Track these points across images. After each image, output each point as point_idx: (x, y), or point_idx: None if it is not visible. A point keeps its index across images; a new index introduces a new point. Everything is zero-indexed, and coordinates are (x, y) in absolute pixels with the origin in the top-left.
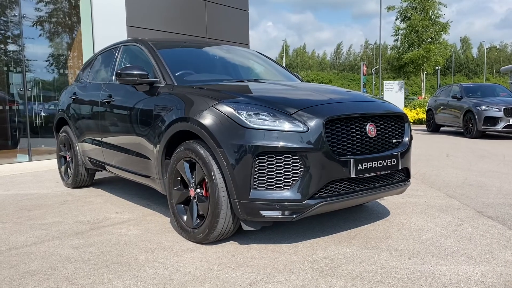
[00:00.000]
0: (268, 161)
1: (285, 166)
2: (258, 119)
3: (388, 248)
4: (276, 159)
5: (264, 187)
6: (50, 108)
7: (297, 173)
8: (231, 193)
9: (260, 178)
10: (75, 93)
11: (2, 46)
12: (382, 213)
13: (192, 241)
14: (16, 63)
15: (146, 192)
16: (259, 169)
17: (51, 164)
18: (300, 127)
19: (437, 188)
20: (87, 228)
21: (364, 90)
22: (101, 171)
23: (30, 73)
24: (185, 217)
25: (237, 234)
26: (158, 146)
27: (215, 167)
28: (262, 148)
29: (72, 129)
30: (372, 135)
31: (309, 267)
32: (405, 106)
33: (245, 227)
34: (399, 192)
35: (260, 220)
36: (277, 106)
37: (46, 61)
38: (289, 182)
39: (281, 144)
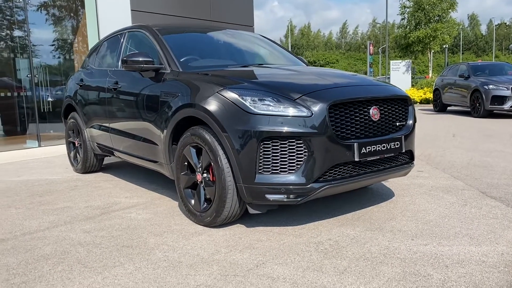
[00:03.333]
0: (273, 146)
1: (290, 150)
2: (262, 104)
3: (391, 230)
4: (281, 144)
5: (269, 171)
6: (57, 93)
7: (301, 157)
8: (237, 177)
9: (265, 163)
10: (82, 80)
11: (8, 31)
12: (386, 195)
13: (200, 225)
14: (22, 49)
15: (154, 177)
16: (264, 154)
17: (60, 149)
18: (304, 112)
19: (442, 169)
20: (97, 213)
21: (371, 70)
22: (110, 156)
23: (36, 58)
24: (192, 201)
25: (244, 217)
26: (165, 131)
27: (221, 152)
28: (267, 133)
29: (80, 115)
30: (375, 118)
31: (314, 249)
32: (412, 85)
33: (251, 211)
34: (403, 174)
35: (266, 203)
36: (281, 92)
37: (52, 45)
38: (293, 166)
39: (285, 129)
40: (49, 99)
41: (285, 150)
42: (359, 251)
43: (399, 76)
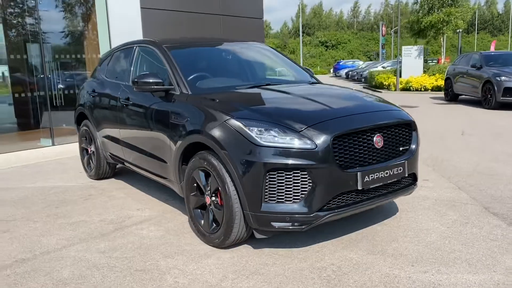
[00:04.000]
0: (278, 176)
1: (294, 181)
2: (268, 135)
3: (393, 253)
4: (286, 174)
5: (274, 200)
6: (68, 80)
7: (305, 187)
8: (244, 205)
9: (270, 192)
10: (94, 90)
11: (19, 20)
12: (390, 211)
13: (209, 245)
14: (33, 37)
15: (165, 186)
16: (270, 184)
17: (73, 149)
18: (308, 145)
19: (447, 178)
20: (111, 229)
21: (383, 51)
22: (122, 165)
23: (47, 44)
24: (202, 221)
25: (251, 237)
26: (174, 152)
27: (228, 179)
28: (272, 165)
29: (92, 125)
30: (379, 146)
31: (317, 276)
32: (424, 71)
33: (258, 236)
34: (407, 194)
35: (272, 230)
36: (287, 123)
37: (62, 32)
38: (298, 195)
39: (290, 161)
40: (60, 85)
41: (290, 181)
42: (360, 279)
43: (411, 61)
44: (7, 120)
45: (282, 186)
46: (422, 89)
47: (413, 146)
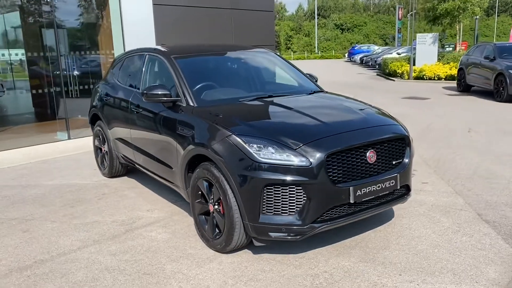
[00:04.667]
0: (275, 190)
1: (290, 195)
2: (266, 152)
3: (383, 261)
4: (282, 189)
5: (271, 212)
6: (82, 66)
7: (300, 201)
8: (243, 215)
9: (268, 205)
10: (107, 94)
11: (36, 7)
12: (386, 217)
13: (212, 249)
14: (48, 25)
15: None
16: (267, 197)
17: (88, 144)
18: (304, 162)
19: (446, 181)
20: (122, 230)
21: (400, 36)
22: (133, 166)
23: (61, 30)
24: (206, 227)
25: (251, 242)
26: (180, 160)
27: (229, 191)
28: (270, 180)
29: (105, 126)
30: (372, 161)
31: (310, 283)
32: (438, 60)
33: (256, 243)
34: (401, 203)
35: (269, 239)
36: (284, 140)
37: (77, 20)
38: (293, 209)
39: (286, 177)
40: (75, 72)
41: (286, 195)
42: (350, 287)
43: (425, 49)
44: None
45: (279, 199)
46: (436, 78)
47: (406, 160)
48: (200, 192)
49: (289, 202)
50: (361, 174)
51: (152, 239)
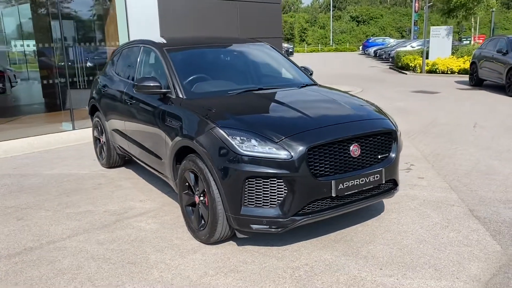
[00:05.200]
0: (256, 183)
1: (271, 187)
2: (249, 144)
3: (366, 255)
4: (263, 181)
5: (253, 204)
6: (89, 57)
7: (281, 194)
8: (226, 207)
9: (249, 197)
10: (104, 86)
11: None
12: (376, 210)
13: (198, 240)
14: (56, 17)
15: None
16: (249, 190)
17: (91, 134)
18: (285, 155)
19: (443, 176)
20: (113, 220)
21: (416, 29)
22: (129, 156)
23: (66, 21)
24: (192, 218)
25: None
26: (168, 152)
27: (213, 183)
28: (251, 173)
29: (103, 117)
30: (355, 155)
31: (290, 275)
32: (452, 53)
33: (239, 235)
34: (388, 197)
35: (251, 231)
36: (267, 133)
37: (82, 11)
38: (274, 201)
39: (267, 170)
40: (89, 63)
41: (267, 187)
42: (328, 280)
43: (439, 42)
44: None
45: (260, 192)
46: (449, 72)
47: (393, 155)
48: (187, 184)
49: (270, 195)
50: (344, 168)
51: (141, 229)
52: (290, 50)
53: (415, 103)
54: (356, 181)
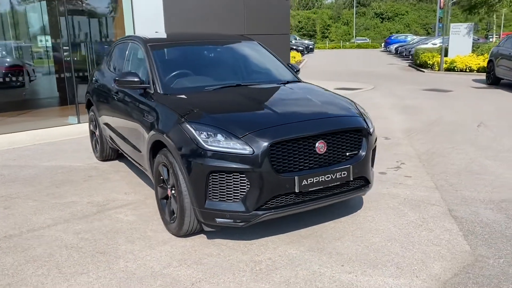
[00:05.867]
0: (220, 177)
1: (234, 182)
2: (214, 139)
3: (331, 252)
4: (227, 176)
5: (217, 198)
6: (97, 53)
7: (244, 189)
8: (192, 201)
9: (213, 191)
10: (97, 80)
11: None
12: (352, 207)
13: (170, 233)
14: (70, 13)
15: None
16: (213, 184)
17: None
18: (247, 150)
19: (431, 175)
20: (94, 211)
21: (440, 25)
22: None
23: (73, 17)
24: (166, 211)
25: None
26: (145, 145)
27: (180, 177)
28: (214, 167)
29: (96, 112)
30: (321, 152)
31: (250, 269)
32: (473, 51)
33: (206, 228)
34: (358, 195)
35: (216, 225)
36: (231, 128)
37: (90, 8)
38: (237, 195)
39: (230, 165)
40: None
41: (230, 182)
42: (287, 275)
43: (459, 39)
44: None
45: (224, 186)
46: (467, 70)
47: (362, 152)
48: (161, 177)
49: (234, 189)
50: (309, 164)
51: (118, 221)
52: (310, 46)
53: (424, 101)
54: (321, 178)
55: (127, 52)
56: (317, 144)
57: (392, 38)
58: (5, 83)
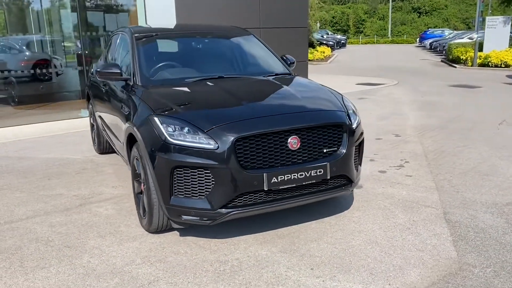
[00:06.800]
0: (185, 173)
1: (199, 178)
2: (180, 133)
3: (304, 254)
4: (191, 172)
5: (182, 195)
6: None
7: (209, 185)
8: (159, 196)
9: (178, 187)
10: (93, 73)
11: None
12: (339, 207)
13: (144, 229)
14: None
15: None
16: (178, 180)
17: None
18: (212, 145)
19: (434, 175)
20: (77, 204)
21: (481, 20)
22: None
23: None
24: (140, 206)
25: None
26: (123, 138)
27: (148, 171)
28: (178, 162)
29: (93, 104)
30: (294, 148)
31: (214, 269)
32: (510, 45)
33: (174, 225)
34: (339, 195)
35: (182, 222)
36: (198, 122)
37: (104, 4)
38: (202, 192)
39: (194, 160)
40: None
41: (195, 178)
42: (250, 277)
43: (495, 33)
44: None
45: (188, 182)
46: (502, 65)
47: (342, 149)
48: (136, 172)
49: (198, 186)
50: (281, 161)
51: (96, 215)
52: (342, 41)
53: (448, 98)
54: (294, 175)
55: (117, 44)
56: (289, 140)
57: (427, 32)
58: (32, 76)
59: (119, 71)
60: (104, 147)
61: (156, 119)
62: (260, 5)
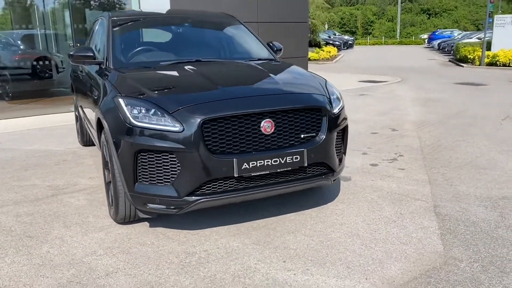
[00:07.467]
0: (149, 158)
1: (164, 163)
2: (144, 115)
3: (278, 246)
4: (156, 156)
5: (147, 181)
6: None
7: (175, 171)
8: (123, 183)
9: (143, 173)
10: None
11: None
12: (324, 199)
13: (112, 218)
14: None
15: None
16: (142, 165)
17: None
18: (177, 127)
19: (428, 168)
20: (48, 194)
21: (490, 21)
22: None
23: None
24: (109, 195)
25: (160, 215)
26: (94, 124)
27: (113, 157)
28: (142, 146)
29: (75, 94)
30: (268, 132)
31: (179, 261)
32: None
33: (141, 215)
34: (318, 185)
35: (147, 211)
36: (164, 104)
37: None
38: (168, 178)
39: (158, 143)
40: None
41: (160, 163)
42: (216, 269)
43: (504, 32)
44: None
45: (153, 167)
46: (511, 64)
47: (322, 135)
48: (106, 159)
49: (164, 171)
50: (253, 146)
51: (67, 205)
52: (350, 42)
53: (452, 95)
54: (267, 162)
55: (96, 30)
56: (262, 123)
57: (436, 33)
58: (32, 73)
59: (92, 54)
60: (88, 139)
61: (121, 100)
62: None
